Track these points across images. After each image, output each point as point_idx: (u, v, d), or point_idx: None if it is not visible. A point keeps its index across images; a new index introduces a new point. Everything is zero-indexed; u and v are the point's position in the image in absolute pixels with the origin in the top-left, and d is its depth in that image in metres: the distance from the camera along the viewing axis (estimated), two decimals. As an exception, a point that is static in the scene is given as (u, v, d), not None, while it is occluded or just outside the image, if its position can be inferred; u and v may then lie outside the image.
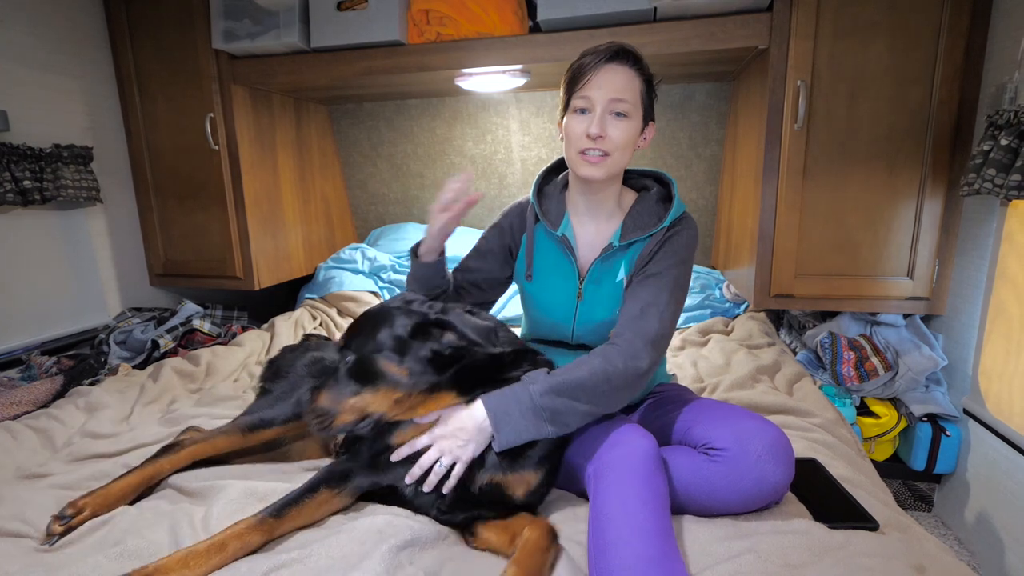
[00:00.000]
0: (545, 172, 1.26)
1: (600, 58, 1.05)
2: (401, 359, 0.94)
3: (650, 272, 1.10)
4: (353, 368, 0.95)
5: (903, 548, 0.90)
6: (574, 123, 1.08)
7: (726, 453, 0.93)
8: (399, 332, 0.94)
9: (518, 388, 0.98)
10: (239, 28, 1.92)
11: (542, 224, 1.21)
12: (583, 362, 1.01)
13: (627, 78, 1.06)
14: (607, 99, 1.05)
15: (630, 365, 1.00)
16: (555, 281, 1.20)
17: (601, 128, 1.05)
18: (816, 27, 1.61)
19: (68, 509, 0.99)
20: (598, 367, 0.99)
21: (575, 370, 1.00)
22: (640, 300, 1.07)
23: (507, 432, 0.96)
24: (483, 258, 1.28)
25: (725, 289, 2.31)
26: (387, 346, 0.94)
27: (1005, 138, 1.31)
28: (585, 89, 1.06)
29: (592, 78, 1.05)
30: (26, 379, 1.74)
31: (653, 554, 0.81)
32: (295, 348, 1.56)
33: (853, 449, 1.31)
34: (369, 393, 0.94)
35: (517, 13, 1.79)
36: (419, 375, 0.95)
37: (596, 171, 1.08)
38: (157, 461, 1.12)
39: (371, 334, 0.95)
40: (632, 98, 1.06)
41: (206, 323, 2.15)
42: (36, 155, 1.79)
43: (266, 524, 0.92)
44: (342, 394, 0.94)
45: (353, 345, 0.96)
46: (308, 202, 2.57)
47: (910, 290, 1.72)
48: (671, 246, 1.12)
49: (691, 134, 2.36)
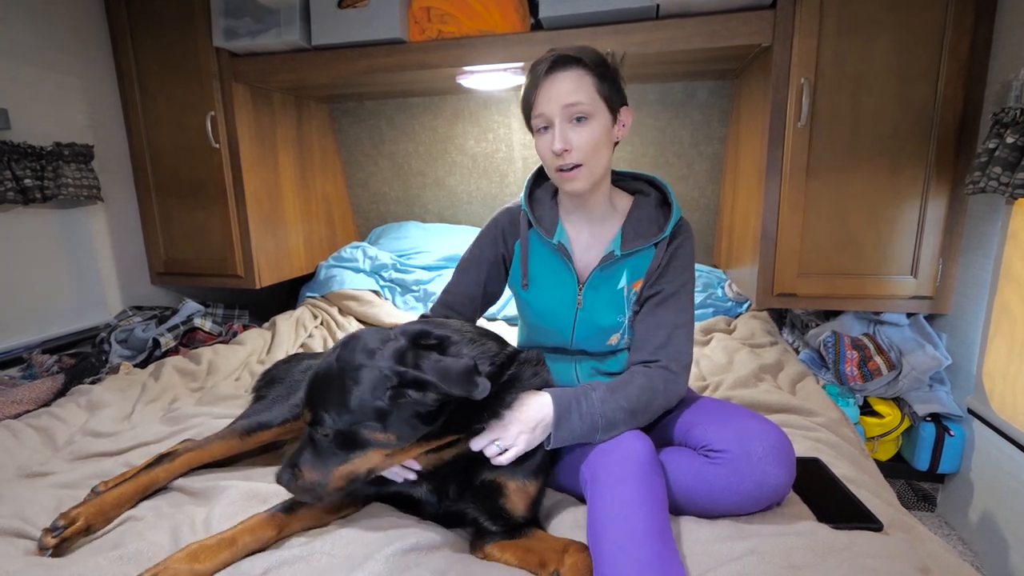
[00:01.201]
0: (535, 175, 1.23)
1: (540, 71, 1.03)
2: (384, 426, 0.85)
3: (668, 292, 1.11)
4: (335, 440, 0.87)
5: (907, 548, 0.89)
6: (540, 143, 1.07)
7: (727, 455, 0.93)
8: (376, 401, 0.84)
9: (581, 392, 0.99)
10: (240, 26, 1.91)
11: (536, 231, 1.17)
12: (629, 381, 1.02)
13: (574, 80, 1.02)
14: (559, 106, 1.02)
15: (671, 390, 1.05)
16: (553, 289, 1.18)
17: (564, 141, 1.02)
18: (820, 24, 1.60)
19: (60, 520, 0.97)
20: (645, 388, 1.01)
21: (625, 386, 1.01)
22: (667, 324, 1.09)
23: (564, 431, 0.96)
24: (478, 269, 1.23)
25: (727, 288, 2.30)
26: (367, 417, 0.85)
27: (1011, 136, 1.30)
28: (537, 107, 1.04)
29: (539, 94, 1.04)
30: (27, 378, 1.74)
31: (651, 558, 0.80)
32: (288, 361, 1.57)
33: (856, 449, 1.30)
34: (358, 458, 0.88)
35: (519, 10, 1.78)
36: (408, 432, 0.87)
37: (577, 184, 1.06)
38: (153, 470, 1.11)
39: (343, 403, 0.85)
40: (587, 97, 1.02)
41: (207, 322, 2.15)
42: (37, 153, 1.79)
43: (277, 519, 0.92)
44: (328, 465, 0.88)
45: (325, 417, 0.85)
46: (309, 200, 2.57)
47: (914, 289, 1.71)
48: (680, 260, 1.12)
49: (693, 132, 2.35)
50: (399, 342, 0.89)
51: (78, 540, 0.97)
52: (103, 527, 1.01)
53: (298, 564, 0.86)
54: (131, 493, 1.07)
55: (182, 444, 1.23)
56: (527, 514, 0.98)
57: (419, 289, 2.44)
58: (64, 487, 1.14)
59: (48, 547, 0.93)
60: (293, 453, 0.90)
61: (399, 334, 0.92)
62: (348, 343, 0.90)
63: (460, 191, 2.70)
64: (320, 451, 0.88)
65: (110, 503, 1.04)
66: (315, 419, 0.87)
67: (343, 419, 0.85)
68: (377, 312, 2.31)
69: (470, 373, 0.85)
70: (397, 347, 0.88)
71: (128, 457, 1.26)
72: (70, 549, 0.96)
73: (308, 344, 2.09)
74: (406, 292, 2.47)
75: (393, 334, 0.92)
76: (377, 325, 2.27)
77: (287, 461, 0.90)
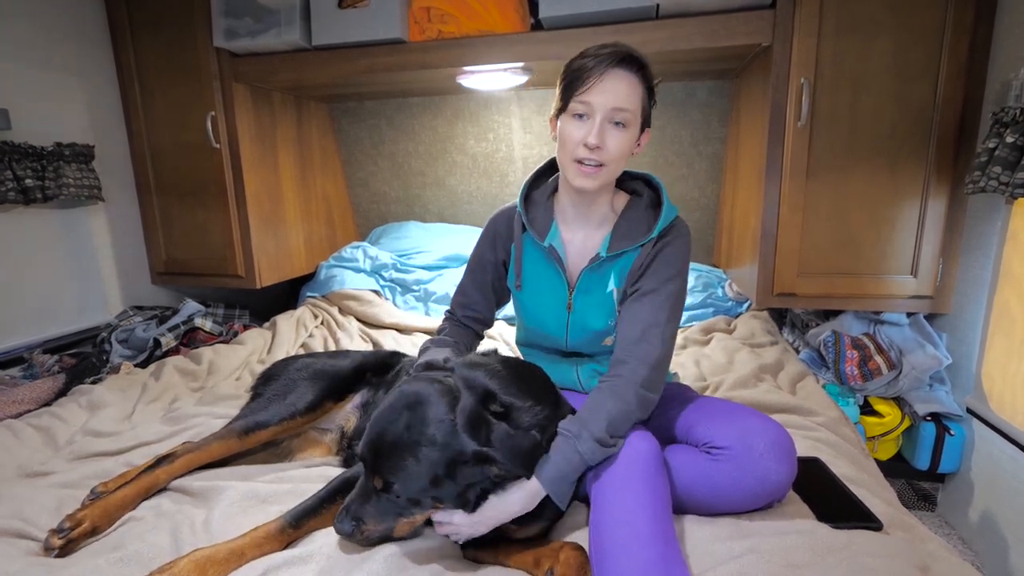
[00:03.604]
0: (534, 177, 1.21)
1: (605, 62, 0.99)
2: (442, 498, 0.87)
3: (645, 289, 1.07)
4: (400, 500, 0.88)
5: (907, 548, 0.89)
6: (571, 128, 1.02)
7: (729, 451, 0.93)
8: (447, 478, 0.85)
9: (567, 452, 0.93)
10: (240, 26, 1.91)
11: (529, 234, 1.17)
12: (599, 406, 0.97)
13: (631, 86, 1.00)
14: (609, 107, 0.99)
15: (642, 395, 0.99)
16: (544, 292, 1.17)
17: (600, 138, 1.00)
18: (819, 24, 1.60)
19: (67, 522, 0.98)
20: (615, 409, 0.96)
21: (598, 416, 0.95)
22: (640, 322, 1.04)
23: (563, 495, 0.93)
24: (483, 270, 1.24)
25: (727, 287, 2.30)
26: (438, 489, 0.86)
27: (1011, 135, 1.30)
28: (587, 94, 1.00)
29: (595, 83, 0.99)
30: (28, 377, 1.74)
31: (654, 559, 0.80)
32: (286, 360, 1.57)
33: (856, 448, 1.30)
34: (420, 513, 0.89)
35: (519, 10, 1.78)
36: (460, 493, 0.88)
37: (590, 182, 1.04)
38: (154, 471, 1.12)
39: (418, 477, 0.85)
40: (634, 107, 1.01)
41: (208, 321, 2.15)
42: (38, 153, 1.79)
43: (285, 534, 0.93)
44: (392, 518, 0.89)
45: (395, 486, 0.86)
46: (309, 200, 2.57)
47: (914, 289, 1.71)
48: (664, 259, 1.08)
49: (693, 132, 2.35)
50: (468, 405, 0.88)
51: (82, 541, 0.98)
52: (107, 528, 1.02)
53: (297, 565, 0.87)
54: (133, 495, 1.08)
55: (182, 446, 1.23)
56: (534, 536, 0.98)
57: (419, 289, 2.44)
58: (65, 487, 1.14)
59: (54, 548, 0.94)
60: (350, 502, 0.89)
61: (464, 389, 0.90)
62: (414, 406, 0.88)
63: (460, 191, 2.70)
64: (382, 505, 0.88)
65: (114, 505, 1.04)
66: (386, 487, 0.86)
67: (417, 491, 0.86)
68: (377, 312, 2.31)
69: (536, 452, 0.89)
70: (469, 415, 0.87)
71: (129, 457, 1.26)
72: (74, 550, 0.96)
73: (309, 344, 2.09)
74: (406, 292, 2.48)
75: (456, 388, 0.90)
76: (378, 325, 2.28)
77: (346, 512, 0.89)
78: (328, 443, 1.31)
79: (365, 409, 1.31)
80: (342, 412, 1.32)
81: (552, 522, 0.99)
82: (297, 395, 1.25)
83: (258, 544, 0.90)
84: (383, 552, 0.87)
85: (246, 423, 1.20)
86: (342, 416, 1.32)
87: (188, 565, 0.84)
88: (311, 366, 1.35)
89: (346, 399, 1.33)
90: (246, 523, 0.96)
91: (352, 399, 1.34)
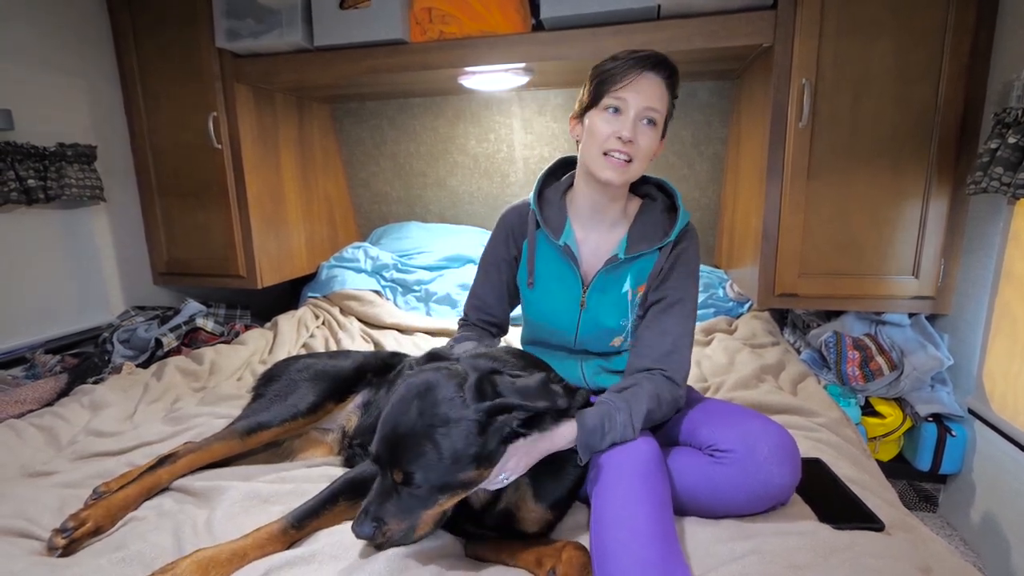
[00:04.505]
0: (546, 175, 1.22)
1: (642, 63, 1.03)
2: (478, 463, 0.84)
3: (672, 298, 1.11)
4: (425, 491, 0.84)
5: (909, 549, 0.89)
6: (603, 122, 1.05)
7: (732, 455, 0.93)
8: (470, 449, 0.82)
9: (609, 413, 0.97)
10: (242, 27, 1.92)
11: (543, 231, 1.18)
12: (641, 397, 1.00)
13: (663, 88, 1.05)
14: (643, 105, 1.03)
15: (672, 400, 1.05)
16: (557, 290, 1.18)
17: (633, 133, 1.03)
18: (821, 25, 1.60)
19: (70, 522, 0.98)
20: (652, 405, 1.01)
21: (639, 404, 0.99)
22: (671, 333, 1.09)
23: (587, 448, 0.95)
24: (498, 269, 1.25)
25: (728, 288, 2.30)
26: (464, 467, 0.83)
27: (1013, 136, 1.30)
28: (622, 90, 1.03)
29: (632, 81, 1.03)
30: (30, 377, 1.74)
31: (654, 558, 0.80)
32: (287, 361, 1.57)
33: (858, 449, 1.30)
34: (446, 499, 0.85)
35: (520, 11, 1.78)
36: (496, 458, 0.86)
37: (617, 175, 1.06)
38: (156, 471, 1.12)
39: (439, 460, 0.81)
40: (662, 110, 1.05)
41: (209, 322, 2.15)
42: (40, 154, 1.80)
43: (288, 535, 0.93)
44: (415, 512, 0.85)
45: (417, 477, 0.82)
46: (311, 201, 2.57)
47: (915, 289, 1.71)
48: (684, 265, 1.12)
49: (694, 132, 2.35)
50: (474, 380, 0.87)
51: (85, 541, 0.98)
52: (110, 528, 1.02)
53: (299, 565, 0.87)
54: (136, 495, 1.08)
55: (183, 446, 1.23)
56: (538, 533, 0.98)
57: (420, 289, 2.45)
58: (67, 486, 1.15)
59: (58, 547, 0.94)
60: (368, 504, 0.85)
61: (469, 370, 0.89)
62: (423, 394, 0.85)
63: (461, 191, 2.70)
64: (403, 501, 0.84)
65: (117, 505, 1.05)
66: (407, 480, 0.82)
67: (439, 476, 0.82)
68: (378, 312, 2.31)
69: (546, 385, 0.89)
70: (474, 383, 0.86)
71: (131, 457, 1.26)
72: (77, 550, 0.96)
73: (310, 344, 2.09)
74: (407, 292, 2.48)
75: (461, 371, 0.89)
76: (379, 325, 2.28)
77: (364, 514, 0.84)
78: (329, 443, 1.31)
79: (366, 409, 1.32)
80: (343, 412, 1.33)
81: (557, 519, 1.00)
82: (299, 396, 1.26)
83: (260, 545, 0.90)
84: (386, 552, 0.87)
85: (248, 424, 1.20)
86: (343, 416, 1.32)
87: (190, 566, 0.84)
88: (312, 367, 1.35)
89: (347, 399, 1.33)
90: (248, 523, 0.96)
91: (353, 399, 1.34)
